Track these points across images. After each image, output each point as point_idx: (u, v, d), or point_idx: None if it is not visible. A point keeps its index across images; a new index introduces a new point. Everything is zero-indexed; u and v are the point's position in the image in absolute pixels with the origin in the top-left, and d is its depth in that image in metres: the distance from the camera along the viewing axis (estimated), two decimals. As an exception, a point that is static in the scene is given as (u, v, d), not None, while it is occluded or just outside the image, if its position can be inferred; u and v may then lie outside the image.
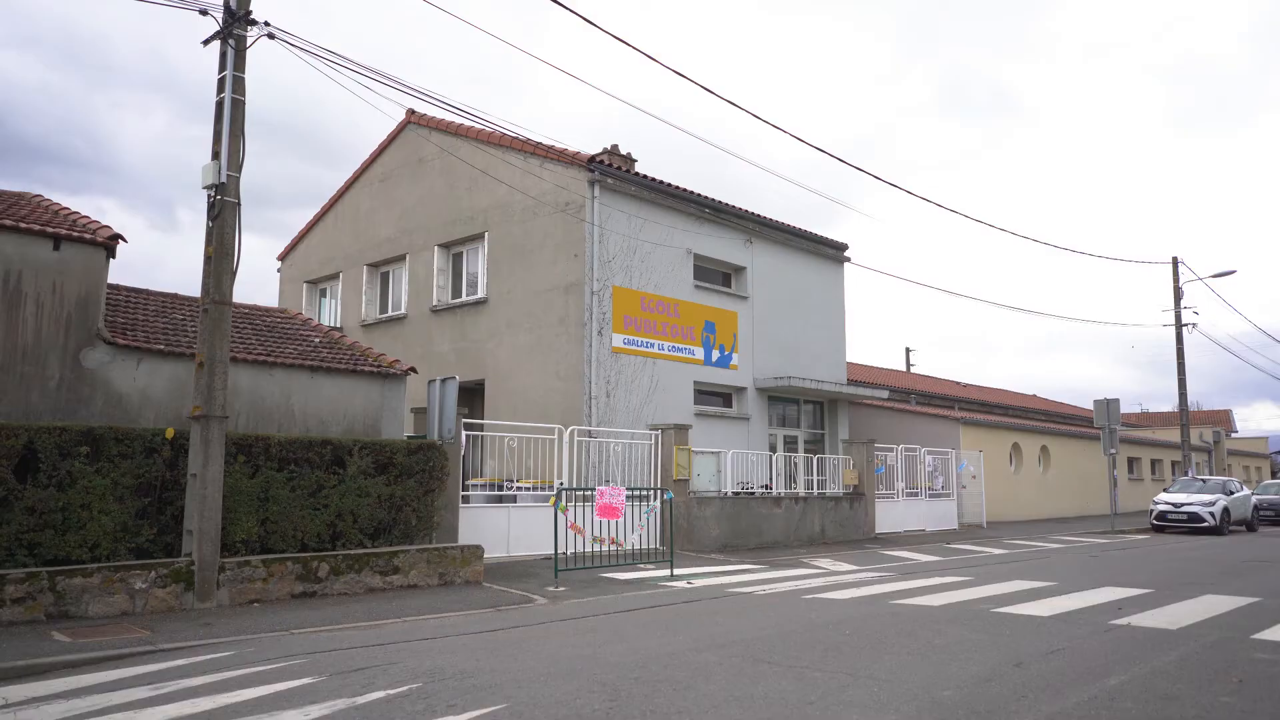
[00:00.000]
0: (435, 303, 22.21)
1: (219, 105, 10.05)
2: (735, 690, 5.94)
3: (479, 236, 21.48)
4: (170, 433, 9.98)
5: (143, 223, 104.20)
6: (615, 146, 21.61)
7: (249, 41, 10.10)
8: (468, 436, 14.78)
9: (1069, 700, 5.73)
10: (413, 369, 13.38)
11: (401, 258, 23.50)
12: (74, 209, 11.34)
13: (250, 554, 10.20)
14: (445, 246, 22.44)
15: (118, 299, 12.16)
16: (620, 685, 6.04)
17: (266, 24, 10.10)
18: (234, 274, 9.99)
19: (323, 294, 26.75)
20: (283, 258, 27.65)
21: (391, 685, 6.07)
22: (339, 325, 24.88)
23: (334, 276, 25.80)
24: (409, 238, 23.23)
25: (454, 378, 13.10)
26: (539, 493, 15.44)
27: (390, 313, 23.90)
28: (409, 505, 11.78)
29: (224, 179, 9.88)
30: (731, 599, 10.84)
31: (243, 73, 10.09)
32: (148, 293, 13.06)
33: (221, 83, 10.07)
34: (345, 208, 25.61)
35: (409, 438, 12.78)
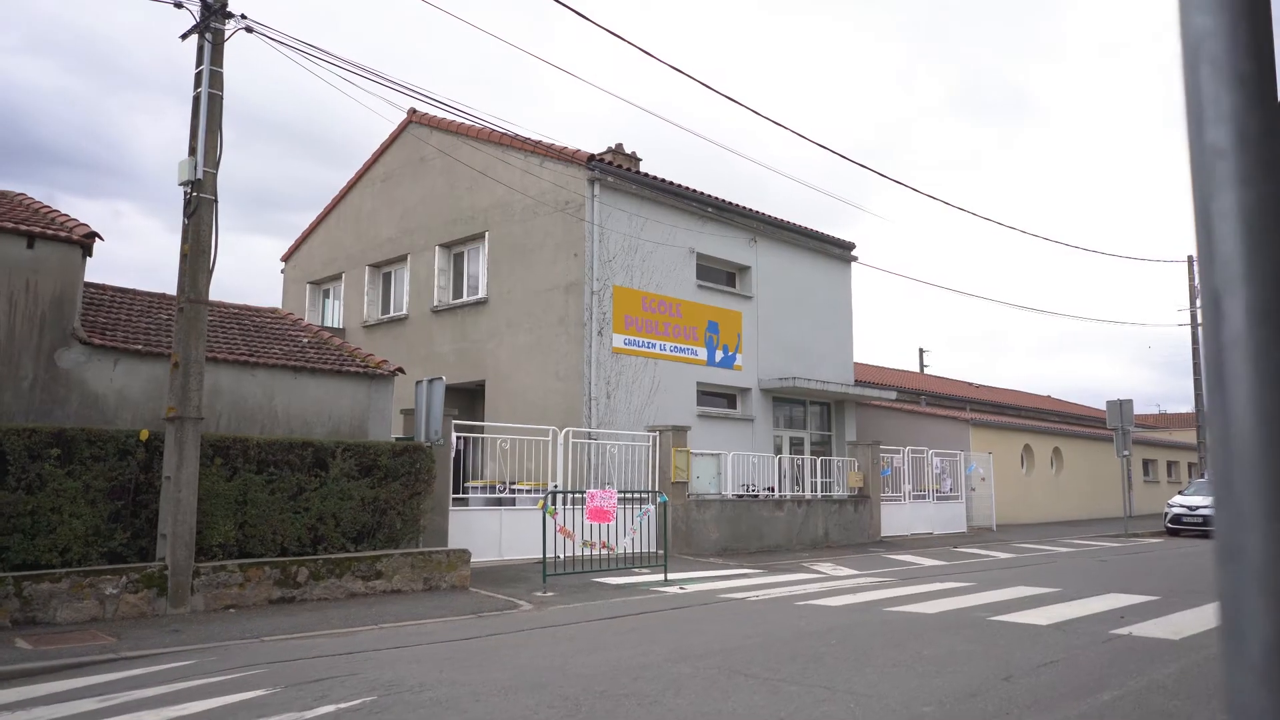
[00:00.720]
0: (436, 303, 22.01)
1: (196, 100, 9.86)
2: (704, 705, 5.66)
3: (479, 236, 21.26)
4: (145, 434, 9.78)
5: (159, 225, 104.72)
6: (620, 145, 21.36)
7: (226, 35, 9.92)
8: (466, 439, 14.53)
9: (1056, 716, 5.41)
10: (400, 369, 13.15)
11: (403, 258, 23.32)
12: (57, 209, 11.19)
13: (227, 558, 9.98)
14: (446, 246, 22.23)
15: (102, 298, 12.00)
16: (583, 700, 5.76)
17: (243, 17, 9.91)
18: (210, 272, 9.80)
19: (325, 295, 26.61)
20: (286, 259, 27.52)
21: (345, 698, 5.82)
22: (341, 326, 24.75)
23: (336, 277, 25.65)
24: (410, 238, 23.04)
25: (440, 378, 12.86)
26: (536, 495, 15.18)
27: (392, 313, 23.71)
28: (394, 508, 11.54)
29: (200, 175, 9.71)
30: (721, 605, 10.54)
31: (220, 67, 9.90)
32: (134, 292, 12.90)
33: (199, 77, 9.88)
34: (347, 208, 25.46)
35: (396, 439, 12.55)
